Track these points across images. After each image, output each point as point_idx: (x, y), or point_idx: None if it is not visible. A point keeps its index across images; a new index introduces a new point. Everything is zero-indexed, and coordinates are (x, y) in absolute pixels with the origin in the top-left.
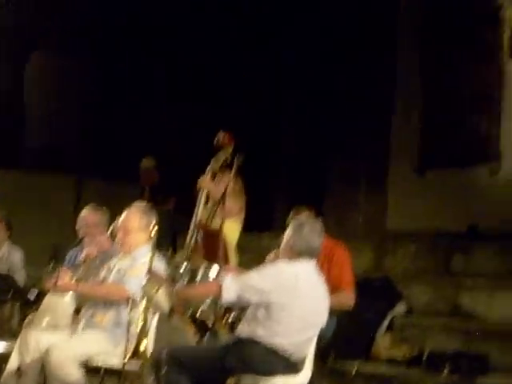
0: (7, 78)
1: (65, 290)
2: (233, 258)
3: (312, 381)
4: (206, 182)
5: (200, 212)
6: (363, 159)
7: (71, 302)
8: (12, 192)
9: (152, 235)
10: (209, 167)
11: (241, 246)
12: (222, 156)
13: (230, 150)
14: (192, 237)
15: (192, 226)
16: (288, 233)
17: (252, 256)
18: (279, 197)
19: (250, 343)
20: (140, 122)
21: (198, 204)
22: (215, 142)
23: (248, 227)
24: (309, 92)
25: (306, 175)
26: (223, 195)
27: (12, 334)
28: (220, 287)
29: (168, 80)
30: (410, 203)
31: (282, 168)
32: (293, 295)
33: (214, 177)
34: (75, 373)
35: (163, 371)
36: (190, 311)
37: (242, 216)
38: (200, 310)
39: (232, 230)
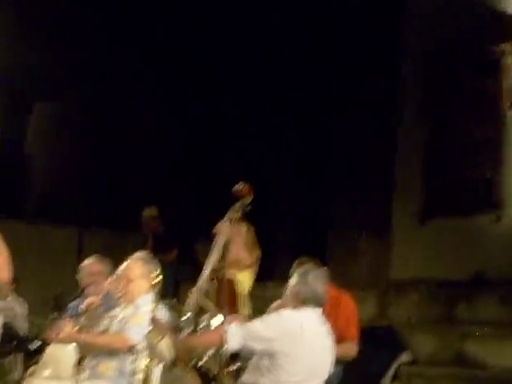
0: (11, 129)
1: (67, 341)
2: (245, 308)
3: None
4: (225, 228)
5: (214, 260)
6: (365, 209)
7: (74, 352)
8: (13, 242)
9: (154, 283)
10: (226, 217)
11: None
12: (240, 206)
13: (249, 200)
14: (203, 285)
15: (205, 274)
16: (293, 280)
17: (256, 306)
18: (282, 247)
19: None
20: (142, 172)
21: (211, 251)
22: (233, 190)
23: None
24: (310, 141)
25: (307, 225)
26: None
27: None
28: (224, 335)
29: (169, 128)
30: (413, 251)
31: (284, 219)
32: (297, 343)
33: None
34: None
35: None
36: (194, 360)
37: (257, 267)
38: (204, 359)
39: (246, 281)
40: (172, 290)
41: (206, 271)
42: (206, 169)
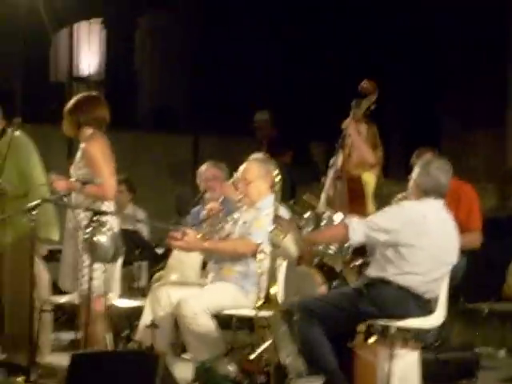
0: (118, 44)
1: (191, 250)
2: (371, 206)
3: (444, 322)
4: (352, 126)
5: (339, 160)
6: (480, 100)
7: (198, 257)
8: (129, 153)
9: (274, 184)
10: (350, 116)
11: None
12: (365, 104)
13: (374, 98)
14: (330, 184)
15: (332, 172)
16: (415, 172)
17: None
18: (395, 144)
19: (381, 284)
20: (254, 75)
21: (336, 151)
22: (359, 89)
23: None
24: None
25: (421, 119)
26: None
27: (141, 293)
28: (347, 229)
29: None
30: None
31: (396, 114)
32: (421, 234)
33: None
34: (208, 324)
35: (295, 320)
36: (318, 258)
37: (380, 167)
38: (327, 256)
39: (370, 181)
40: (288, 193)
41: (331, 171)
42: (320, 68)
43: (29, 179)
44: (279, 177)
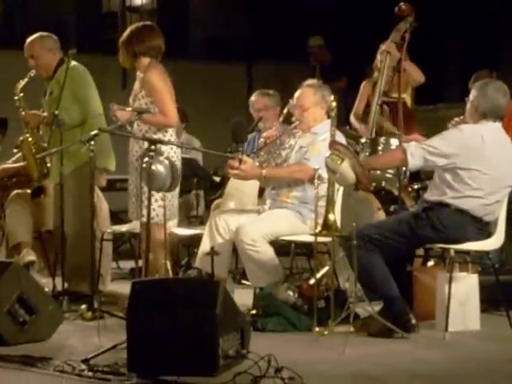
0: None
1: (249, 178)
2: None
3: (503, 245)
4: (392, 47)
5: (384, 83)
6: None
7: (255, 184)
8: (182, 82)
9: (330, 109)
10: (389, 39)
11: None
12: (403, 26)
13: (411, 19)
14: (376, 107)
15: (377, 96)
16: (472, 94)
17: (429, 128)
18: (452, 67)
19: (440, 207)
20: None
21: (382, 71)
22: (396, 11)
23: (423, 100)
24: None
25: (478, 41)
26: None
27: (199, 221)
28: (405, 153)
29: None
30: None
31: (450, 39)
32: (479, 157)
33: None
34: (267, 250)
35: (353, 246)
36: (374, 185)
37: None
38: (385, 180)
39: (409, 102)
40: (344, 118)
41: (377, 94)
42: None
43: (86, 109)
44: (335, 102)
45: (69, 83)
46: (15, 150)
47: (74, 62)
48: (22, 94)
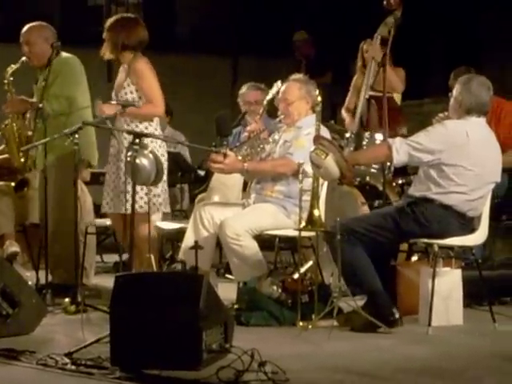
0: None
1: (232, 171)
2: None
3: (486, 240)
4: (375, 50)
5: (370, 81)
6: None
7: (240, 178)
8: (167, 74)
9: (315, 104)
10: (377, 32)
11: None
12: (391, 20)
13: (399, 13)
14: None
15: (363, 90)
16: (456, 89)
17: (414, 124)
18: (435, 62)
19: (425, 202)
20: None
21: (367, 73)
22: (384, 4)
23: (408, 95)
24: None
25: (461, 36)
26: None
27: (183, 215)
28: (390, 149)
29: None
30: None
31: (434, 34)
32: (464, 154)
33: (382, 42)
34: (250, 244)
35: (337, 240)
36: (359, 179)
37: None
38: (369, 175)
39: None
40: (329, 113)
41: (364, 88)
42: None
43: (72, 103)
44: (320, 97)
45: (57, 76)
46: None
47: (67, 54)
48: (11, 79)
